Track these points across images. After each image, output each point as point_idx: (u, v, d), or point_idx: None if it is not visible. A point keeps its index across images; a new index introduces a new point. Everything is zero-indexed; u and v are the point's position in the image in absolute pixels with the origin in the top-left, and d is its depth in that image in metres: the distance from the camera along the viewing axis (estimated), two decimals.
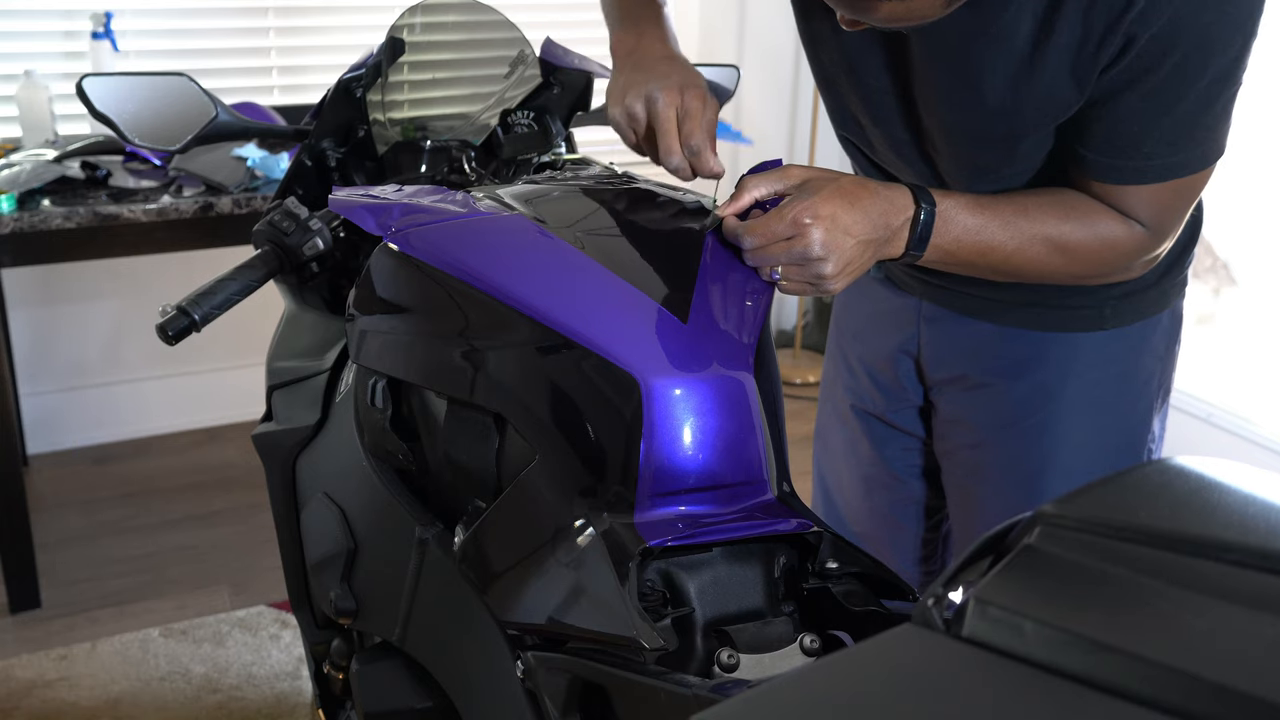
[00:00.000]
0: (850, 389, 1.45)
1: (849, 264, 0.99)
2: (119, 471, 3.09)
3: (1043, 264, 1.09)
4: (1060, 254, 1.08)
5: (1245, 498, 0.53)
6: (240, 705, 2.17)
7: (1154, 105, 1.01)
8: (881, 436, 1.44)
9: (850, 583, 0.88)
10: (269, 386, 1.39)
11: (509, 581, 0.90)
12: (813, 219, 0.96)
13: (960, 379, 1.32)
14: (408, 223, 1.01)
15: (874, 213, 1.00)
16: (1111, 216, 1.09)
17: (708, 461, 0.88)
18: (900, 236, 1.03)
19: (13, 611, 2.45)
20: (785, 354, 3.81)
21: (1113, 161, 1.05)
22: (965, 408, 1.33)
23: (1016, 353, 1.27)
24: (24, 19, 2.85)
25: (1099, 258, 1.10)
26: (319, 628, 1.38)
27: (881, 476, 1.45)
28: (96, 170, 2.46)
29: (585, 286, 0.93)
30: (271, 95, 3.13)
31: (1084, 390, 1.27)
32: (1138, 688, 0.44)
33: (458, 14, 1.41)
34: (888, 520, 1.48)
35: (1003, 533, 0.56)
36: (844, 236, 0.98)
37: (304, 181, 1.34)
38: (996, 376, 1.29)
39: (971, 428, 1.32)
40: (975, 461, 1.33)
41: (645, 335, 0.90)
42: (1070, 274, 1.12)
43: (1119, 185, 1.06)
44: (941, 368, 1.34)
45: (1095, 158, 1.06)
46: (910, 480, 1.45)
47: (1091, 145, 1.06)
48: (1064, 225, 1.08)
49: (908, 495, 1.46)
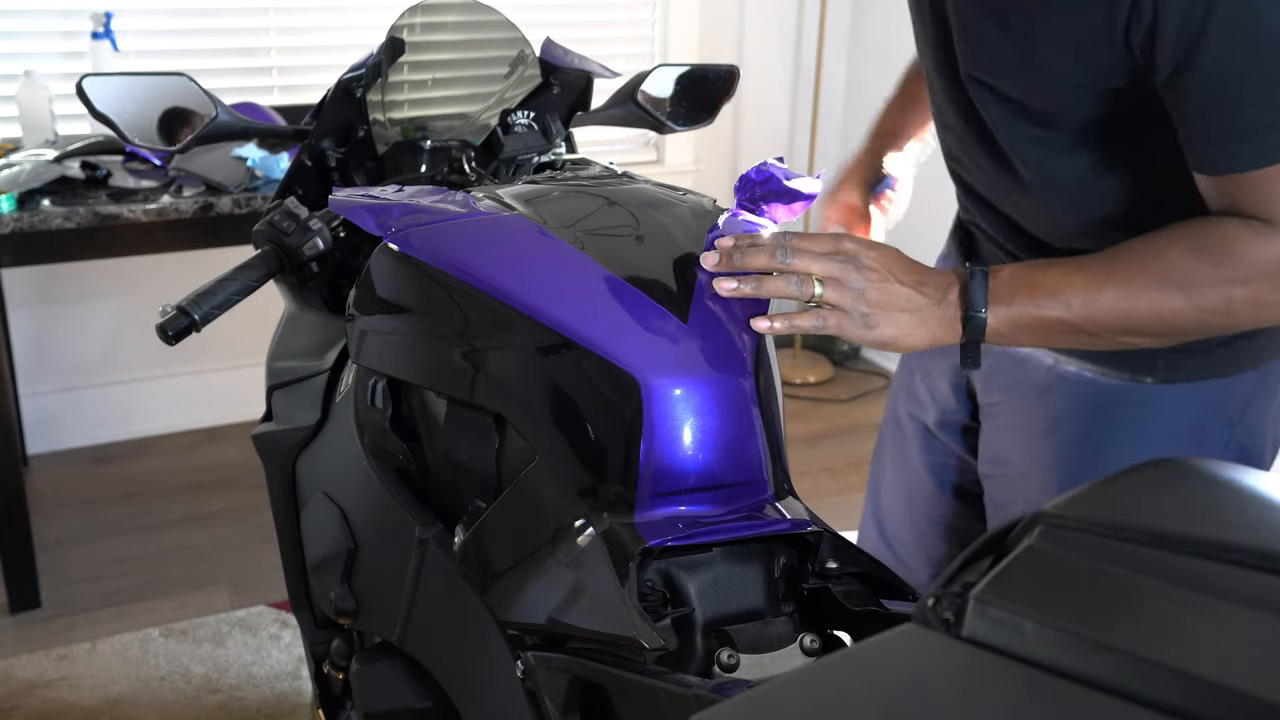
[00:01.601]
0: (910, 395, 1.44)
1: (891, 302, 0.95)
2: (119, 471, 3.09)
3: (1168, 309, 0.95)
4: (1183, 290, 0.94)
5: (1245, 498, 0.54)
6: (240, 705, 2.17)
7: (1231, 62, 0.89)
8: (928, 446, 1.42)
9: (850, 583, 0.88)
10: (269, 386, 1.39)
11: (509, 581, 0.90)
12: (856, 243, 0.96)
13: (1005, 405, 1.27)
14: (408, 223, 1.01)
15: (920, 267, 0.98)
16: (1242, 229, 0.93)
17: (708, 461, 0.88)
18: (952, 298, 0.97)
19: (13, 611, 2.45)
20: (785, 354, 3.81)
21: (1220, 148, 0.92)
22: (1008, 437, 1.28)
23: (1061, 390, 1.20)
24: (24, 19, 2.85)
25: (1243, 284, 0.94)
26: (319, 628, 1.38)
27: (925, 487, 1.44)
28: (96, 170, 2.46)
29: (585, 286, 0.93)
30: (271, 95, 3.12)
31: (1127, 446, 1.17)
32: (1138, 688, 0.44)
33: (458, 14, 1.41)
34: (921, 532, 1.46)
35: (1003, 533, 0.56)
36: (890, 273, 0.96)
37: (304, 181, 1.34)
38: (1041, 413, 1.22)
39: (1012, 460, 1.28)
40: (1013, 493, 1.28)
41: (645, 335, 0.90)
42: (1210, 311, 0.95)
43: (1240, 175, 0.92)
44: (990, 391, 1.30)
45: (1205, 149, 0.94)
46: (948, 495, 1.43)
47: (1197, 134, 0.94)
48: (1176, 255, 0.95)
49: (944, 510, 1.43)
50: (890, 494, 1.50)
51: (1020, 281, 0.98)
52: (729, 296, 0.94)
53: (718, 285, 0.93)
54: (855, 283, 0.95)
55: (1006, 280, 0.98)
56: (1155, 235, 0.98)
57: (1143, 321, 0.96)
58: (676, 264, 0.96)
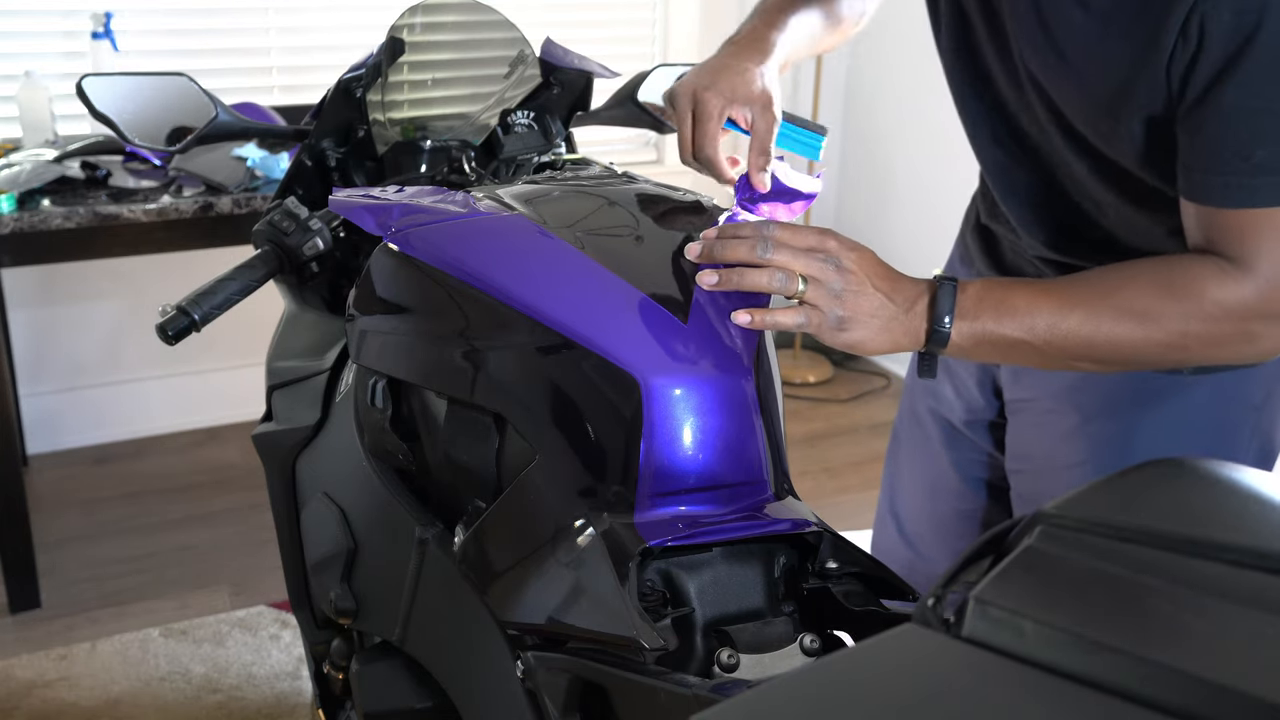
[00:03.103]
0: (931, 392, 1.43)
1: (864, 307, 0.95)
2: (119, 471, 3.09)
3: (1126, 340, 0.97)
4: (1141, 322, 0.96)
5: (1246, 498, 0.54)
6: (240, 705, 2.17)
7: (1258, 100, 0.90)
8: (953, 443, 1.42)
9: (850, 583, 0.88)
10: (269, 386, 1.39)
11: (509, 581, 0.90)
12: (838, 242, 0.96)
13: (1034, 402, 1.28)
14: (408, 223, 1.01)
15: (894, 274, 0.99)
16: (1208, 268, 0.96)
17: (708, 461, 0.88)
18: (920, 308, 0.98)
19: (13, 611, 2.45)
20: (785, 354, 3.81)
21: (1219, 178, 0.93)
22: (1036, 433, 1.28)
23: (1091, 385, 1.21)
24: (24, 19, 2.85)
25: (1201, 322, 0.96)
26: (319, 628, 1.38)
27: (949, 482, 1.44)
28: (96, 170, 2.46)
29: (585, 286, 0.93)
30: (271, 95, 3.12)
31: (1159, 438, 1.19)
32: (1138, 688, 0.44)
33: (458, 14, 1.41)
34: (946, 527, 1.46)
35: (1003, 533, 0.56)
36: (867, 277, 0.96)
37: (304, 181, 1.34)
38: (1070, 409, 1.23)
39: (1041, 456, 1.28)
40: (1042, 488, 1.28)
41: (645, 335, 0.90)
42: (1165, 346, 0.98)
43: (1225, 210, 0.94)
44: (1017, 388, 1.30)
45: (1199, 177, 0.95)
46: (975, 491, 1.42)
47: (1195, 160, 0.95)
48: (1140, 289, 0.97)
49: (971, 505, 1.43)
50: (910, 490, 1.49)
51: (988, 299, 0.98)
52: (710, 290, 0.93)
53: (699, 279, 0.93)
54: (835, 284, 0.95)
55: (974, 296, 0.98)
56: (1123, 266, 1.00)
57: (1101, 350, 0.98)
58: (676, 264, 0.96)
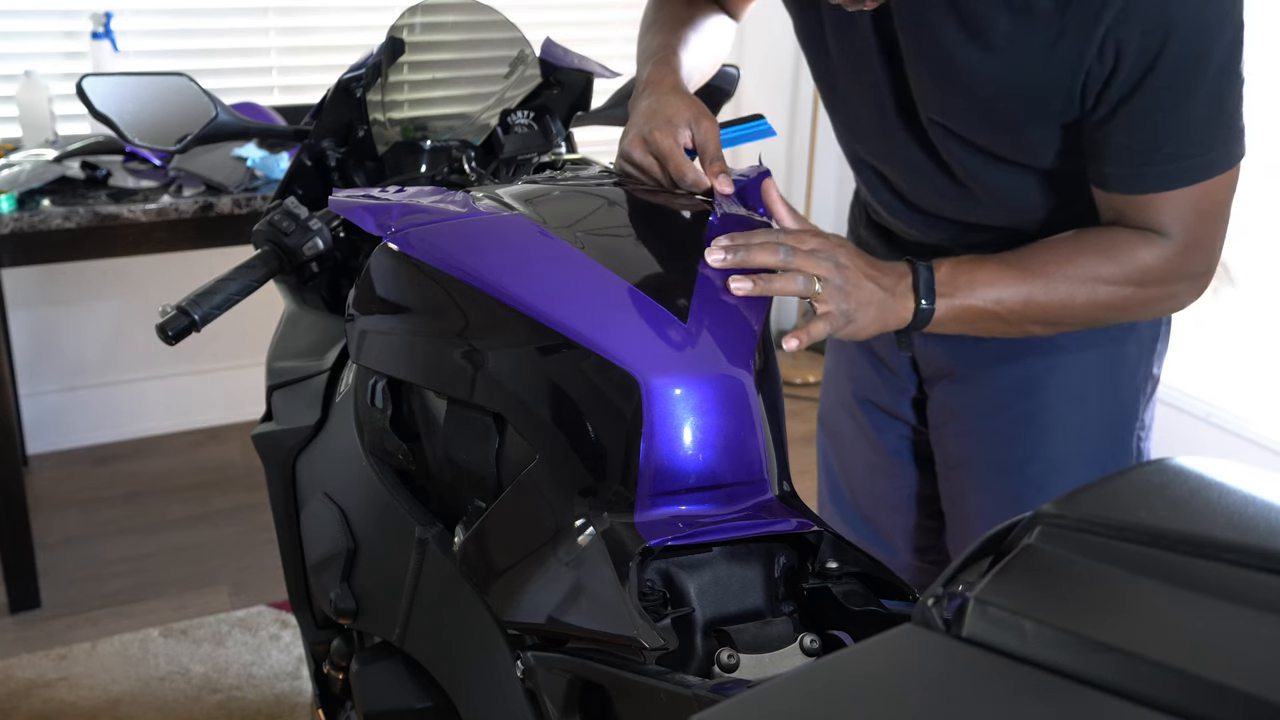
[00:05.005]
0: (853, 378, 1.49)
1: (863, 298, 1.02)
2: (119, 471, 3.09)
3: (1076, 304, 1.09)
4: (1090, 288, 1.08)
5: (1245, 498, 0.54)
6: (240, 705, 2.17)
7: (1164, 104, 1.00)
8: (882, 424, 1.48)
9: (850, 583, 0.88)
10: (269, 386, 1.39)
11: (509, 581, 0.90)
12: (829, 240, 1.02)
13: (949, 369, 1.35)
14: (408, 223, 1.01)
15: (874, 261, 1.05)
16: (1139, 239, 1.08)
17: (708, 461, 0.88)
18: (903, 289, 1.06)
19: (13, 611, 2.45)
20: (784, 353, 3.81)
21: (1134, 170, 1.05)
22: (955, 397, 1.36)
23: (1001, 343, 1.29)
24: (24, 19, 2.85)
25: (1137, 285, 1.09)
26: (319, 628, 1.38)
27: (883, 463, 1.49)
28: (96, 170, 2.46)
29: (585, 286, 0.93)
30: (271, 95, 3.13)
31: (1069, 379, 1.29)
32: (1138, 688, 0.44)
33: (458, 14, 1.41)
34: (890, 506, 1.51)
35: (1003, 533, 0.56)
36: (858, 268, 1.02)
37: (304, 181, 1.34)
38: (983, 367, 1.32)
39: (961, 417, 1.35)
40: (965, 450, 1.36)
41: (645, 335, 0.90)
42: (1108, 307, 1.11)
43: (1143, 195, 1.06)
44: (933, 359, 1.37)
45: (1116, 170, 1.06)
46: (907, 467, 1.48)
47: (1111, 159, 1.06)
48: (1087, 258, 1.08)
49: (906, 482, 1.49)
50: (856, 474, 1.54)
51: (960, 276, 1.07)
52: (743, 296, 0.94)
53: (733, 285, 0.94)
54: (838, 280, 1.00)
55: (946, 274, 1.07)
56: (1065, 239, 1.11)
57: (1055, 313, 1.10)
58: (676, 263, 0.96)
